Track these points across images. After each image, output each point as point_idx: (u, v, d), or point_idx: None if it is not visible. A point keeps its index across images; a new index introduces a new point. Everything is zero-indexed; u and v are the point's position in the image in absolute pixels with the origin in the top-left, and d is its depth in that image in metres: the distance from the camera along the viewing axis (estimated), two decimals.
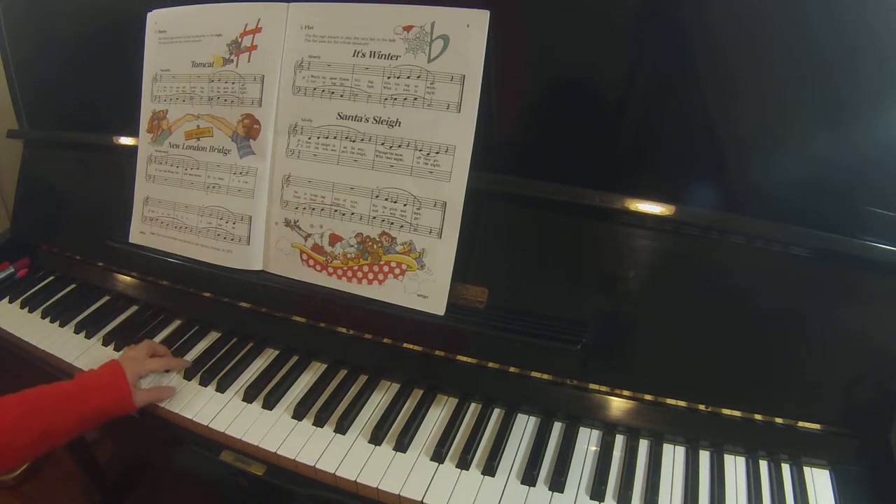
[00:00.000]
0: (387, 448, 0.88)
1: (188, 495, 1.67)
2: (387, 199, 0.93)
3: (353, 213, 0.95)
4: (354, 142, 0.94)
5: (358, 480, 0.83)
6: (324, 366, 1.03)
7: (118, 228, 1.16)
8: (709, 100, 0.83)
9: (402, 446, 0.87)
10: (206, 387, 1.00)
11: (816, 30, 0.75)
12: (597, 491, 0.81)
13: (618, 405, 0.90)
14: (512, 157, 0.92)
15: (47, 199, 1.35)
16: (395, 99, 0.91)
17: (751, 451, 0.86)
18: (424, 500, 0.80)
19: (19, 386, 0.87)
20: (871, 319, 0.82)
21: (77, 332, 1.14)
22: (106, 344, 1.11)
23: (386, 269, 0.93)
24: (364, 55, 0.92)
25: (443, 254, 0.90)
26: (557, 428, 0.91)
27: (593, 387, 0.91)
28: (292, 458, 0.87)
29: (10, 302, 1.24)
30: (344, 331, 1.02)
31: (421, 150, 0.90)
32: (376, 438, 0.89)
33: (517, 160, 0.92)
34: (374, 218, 0.94)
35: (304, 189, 0.98)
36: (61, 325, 1.16)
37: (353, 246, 0.95)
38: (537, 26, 0.86)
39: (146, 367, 0.97)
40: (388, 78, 0.91)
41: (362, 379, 1.00)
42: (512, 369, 0.94)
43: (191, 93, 1.06)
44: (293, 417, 0.93)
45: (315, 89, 0.96)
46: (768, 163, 0.82)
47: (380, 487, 0.82)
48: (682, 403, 0.88)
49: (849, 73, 0.76)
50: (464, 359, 0.95)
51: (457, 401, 0.95)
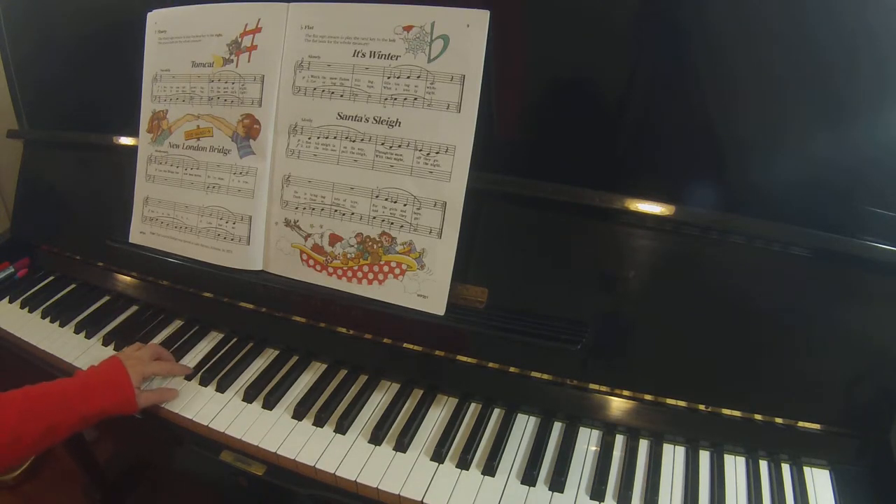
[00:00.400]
0: (387, 448, 0.88)
1: (188, 495, 1.67)
2: (387, 199, 0.93)
3: (353, 213, 0.95)
4: (354, 142, 0.94)
5: (358, 480, 0.83)
6: (324, 366, 1.03)
7: (118, 228, 1.16)
8: (709, 100, 0.83)
9: (402, 446, 0.88)
10: (206, 387, 1.00)
11: (816, 30, 0.75)
12: (597, 491, 0.81)
13: (618, 405, 0.90)
14: (512, 157, 0.92)
15: (47, 199, 1.35)
16: (395, 99, 0.91)
17: (751, 451, 0.86)
18: (424, 500, 0.80)
19: (20, 386, 0.87)
20: (871, 319, 0.82)
21: (77, 332, 1.14)
22: (106, 344, 1.11)
23: (386, 269, 0.93)
24: (364, 55, 0.92)
25: (443, 254, 0.90)
26: (557, 428, 0.91)
27: (593, 387, 0.91)
28: (292, 458, 0.87)
29: (10, 302, 1.24)
30: (344, 331, 1.02)
31: (421, 150, 0.90)
32: (376, 438, 0.89)
33: (517, 160, 0.92)
34: (374, 218, 0.94)
35: (304, 189, 0.98)
36: (61, 325, 1.16)
37: (353, 246, 0.95)
38: (537, 26, 0.86)
39: (150, 370, 0.97)
40: (388, 78, 0.91)
41: (362, 379, 1.00)
42: (512, 369, 0.94)
43: (191, 93, 1.06)
44: (293, 417, 0.93)
45: (315, 89, 0.96)
46: (768, 163, 0.82)
47: (380, 487, 0.82)
48: (682, 403, 0.88)
49: (849, 73, 0.76)
50: (464, 359, 0.95)
51: (457, 401, 0.95)
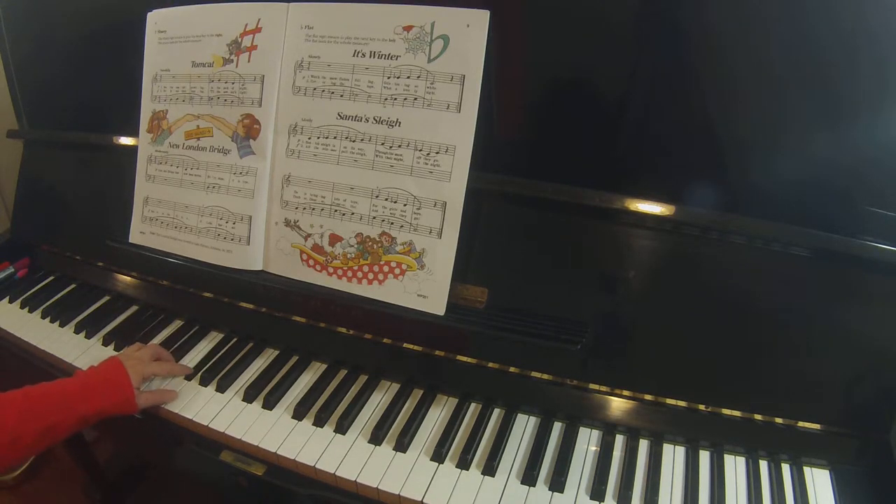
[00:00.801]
0: (387, 448, 0.88)
1: (188, 495, 1.67)
2: (387, 199, 0.93)
3: (353, 213, 0.95)
4: (354, 142, 0.94)
5: (358, 480, 0.83)
6: (324, 366, 1.03)
7: (118, 228, 1.16)
8: (709, 99, 0.83)
9: (402, 446, 0.88)
10: (206, 387, 1.00)
11: (816, 30, 0.75)
12: (597, 491, 0.81)
13: (618, 405, 0.90)
14: (512, 157, 0.92)
15: (47, 199, 1.35)
16: (395, 99, 0.91)
17: (751, 451, 0.86)
18: (424, 500, 0.80)
19: (20, 386, 0.87)
20: (871, 319, 0.82)
21: (77, 332, 1.14)
22: (106, 344, 1.11)
23: (386, 269, 0.93)
24: (364, 55, 0.92)
25: (443, 254, 0.90)
26: (557, 428, 0.91)
27: (593, 387, 0.91)
28: (292, 458, 0.87)
29: (10, 302, 1.24)
30: (344, 331, 1.02)
31: (421, 150, 0.90)
32: (376, 438, 0.89)
33: (517, 160, 0.92)
34: (374, 218, 0.94)
35: (304, 189, 0.98)
36: (61, 325, 1.16)
37: (353, 246, 0.95)
38: (537, 26, 0.86)
39: (150, 370, 0.97)
40: (388, 78, 0.91)
41: (362, 379, 1.00)
42: (512, 369, 0.94)
43: (191, 93, 1.06)
44: (293, 417, 0.93)
45: (315, 89, 0.96)
46: (768, 162, 0.82)
47: (380, 487, 0.82)
48: (682, 403, 0.88)
49: (849, 73, 0.76)
50: (464, 359, 0.95)
51: (457, 401, 0.95)
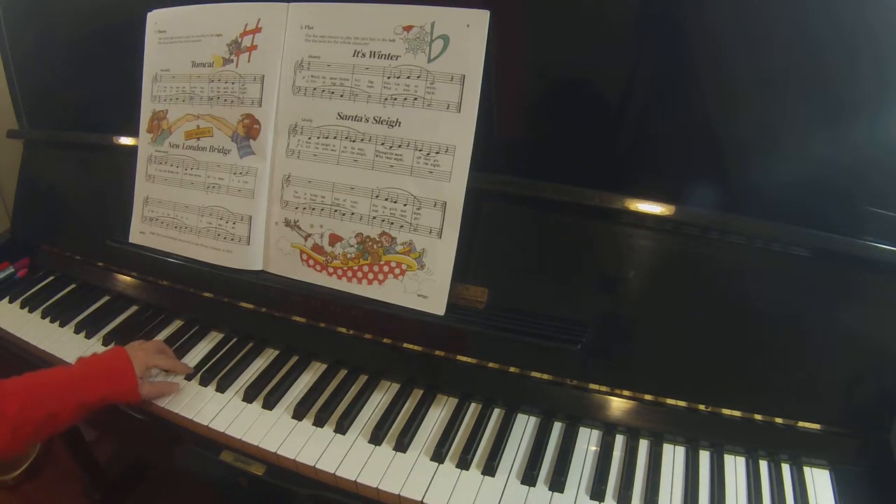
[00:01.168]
0: (387, 448, 0.88)
1: (188, 495, 1.67)
2: (387, 199, 0.93)
3: (353, 213, 0.95)
4: (354, 142, 0.94)
5: (358, 480, 0.83)
6: (324, 366, 1.03)
7: (118, 228, 1.16)
8: (709, 100, 0.83)
9: (402, 446, 0.88)
10: (206, 387, 1.00)
11: (816, 30, 0.75)
12: (597, 491, 0.81)
13: (618, 405, 0.90)
14: (512, 157, 0.92)
15: (47, 199, 1.35)
16: (395, 99, 0.91)
17: (751, 451, 0.86)
18: (424, 500, 0.80)
19: None
20: (871, 320, 0.82)
21: (77, 332, 1.14)
22: (106, 344, 1.11)
23: (386, 269, 0.93)
24: (364, 55, 0.92)
25: (443, 254, 0.90)
26: (557, 428, 0.91)
27: (593, 387, 0.91)
28: (292, 458, 0.87)
29: (10, 302, 1.24)
30: (344, 331, 1.02)
31: (421, 150, 0.90)
32: (376, 438, 0.89)
33: (517, 160, 0.92)
34: (374, 218, 0.94)
35: (304, 189, 0.98)
36: (61, 325, 1.16)
37: (353, 246, 0.95)
38: (537, 26, 0.86)
39: (154, 362, 0.97)
40: (388, 78, 0.91)
41: (362, 379, 1.00)
42: (512, 369, 0.94)
43: (191, 93, 1.06)
44: (293, 417, 0.93)
45: (315, 89, 0.96)
46: (768, 163, 0.82)
47: (380, 487, 0.82)
48: (682, 403, 0.88)
49: (849, 73, 0.76)
50: (464, 359, 0.95)
51: (457, 401, 0.95)
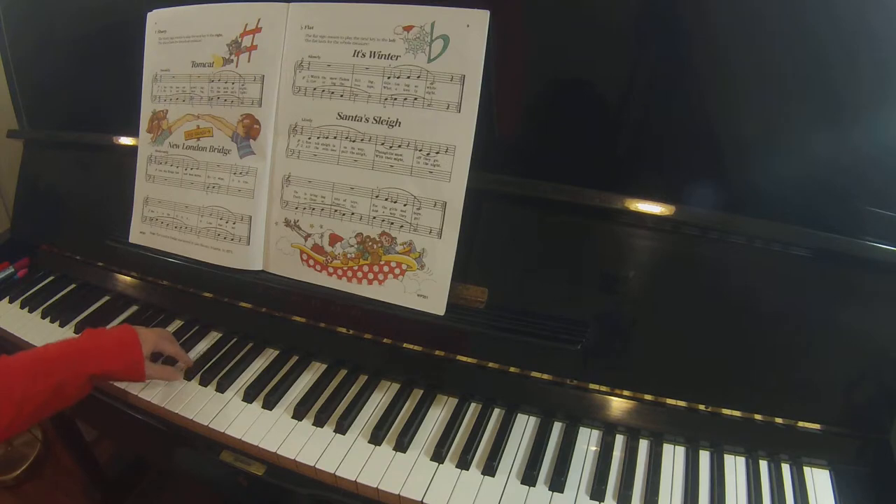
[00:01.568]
0: (387, 448, 0.88)
1: (188, 495, 1.67)
2: (387, 199, 0.93)
3: (353, 213, 0.95)
4: (354, 142, 0.94)
5: (358, 480, 0.83)
6: (324, 366, 1.03)
7: (118, 228, 1.16)
8: (709, 99, 0.83)
9: (402, 446, 0.88)
10: (205, 387, 1.00)
11: (817, 29, 0.75)
12: (597, 491, 0.81)
13: (618, 405, 0.90)
14: (512, 157, 0.92)
15: (47, 199, 1.35)
16: (395, 99, 0.91)
17: (751, 451, 0.86)
18: (424, 500, 0.80)
19: None
20: (871, 319, 0.81)
21: (77, 332, 1.14)
22: None
23: (386, 269, 0.93)
24: (364, 55, 0.92)
25: (443, 254, 0.90)
26: (557, 428, 0.91)
27: (593, 387, 0.91)
28: (292, 458, 0.87)
29: (10, 302, 1.24)
30: (344, 331, 1.02)
31: (421, 150, 0.90)
32: (376, 438, 0.89)
33: (517, 160, 0.92)
34: (374, 218, 0.94)
35: (304, 189, 0.98)
36: (61, 325, 1.16)
37: (353, 246, 0.95)
38: (537, 26, 0.86)
39: (161, 345, 0.98)
40: (388, 78, 0.91)
41: (362, 379, 1.00)
42: (512, 369, 0.94)
43: (191, 93, 1.06)
44: (293, 417, 0.93)
45: (315, 89, 0.96)
46: (768, 162, 0.82)
47: (380, 487, 0.82)
48: (682, 403, 0.88)
49: (849, 73, 0.76)
50: (464, 359, 0.95)
51: (457, 401, 0.95)
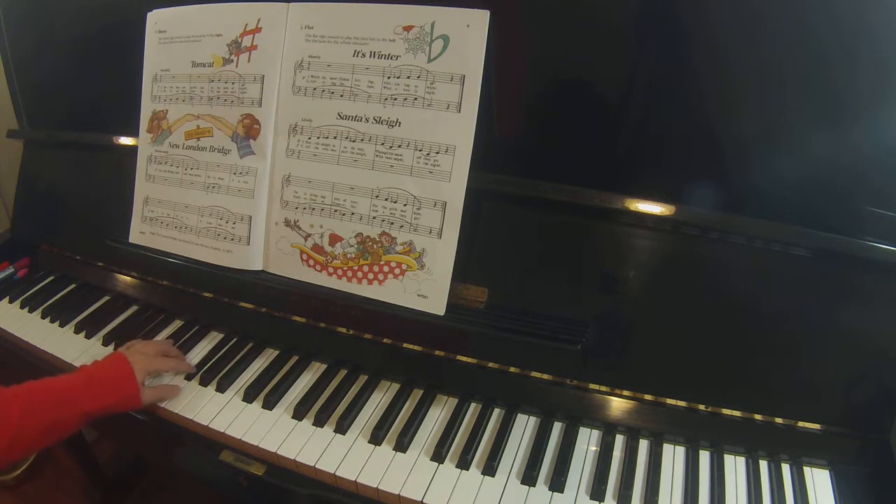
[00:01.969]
0: (387, 448, 0.88)
1: (188, 495, 1.67)
2: (387, 199, 0.93)
3: (353, 213, 0.95)
4: (354, 142, 0.94)
5: (358, 480, 0.83)
6: (324, 366, 1.03)
7: (118, 228, 1.16)
8: (709, 99, 0.83)
9: (401, 446, 0.88)
10: (206, 387, 1.00)
11: (817, 29, 0.75)
12: (597, 491, 0.81)
13: (618, 405, 0.90)
14: (512, 157, 0.92)
15: (47, 199, 1.35)
16: (395, 99, 0.91)
17: (751, 451, 0.86)
18: (424, 500, 0.80)
19: None
20: (871, 319, 0.81)
21: (77, 332, 1.14)
22: (106, 344, 1.11)
23: (386, 269, 0.93)
24: (364, 55, 0.92)
25: (443, 254, 0.90)
26: (557, 428, 0.91)
27: (593, 387, 0.91)
28: (292, 458, 0.87)
29: (10, 302, 1.24)
30: (344, 331, 1.02)
31: (421, 150, 0.90)
32: (376, 438, 0.89)
33: (517, 160, 0.92)
34: (374, 218, 0.94)
35: (304, 189, 0.98)
36: (61, 325, 1.16)
37: (353, 246, 0.95)
38: (537, 26, 0.86)
39: (154, 366, 0.97)
40: (388, 78, 0.91)
41: (362, 379, 1.00)
42: (512, 369, 0.94)
43: (191, 93, 1.06)
44: (293, 417, 0.93)
45: (315, 89, 0.96)
46: (768, 163, 0.82)
47: (380, 487, 0.82)
48: (682, 403, 0.88)
49: (849, 73, 0.76)
50: (464, 359, 0.95)
51: (457, 401, 0.95)
